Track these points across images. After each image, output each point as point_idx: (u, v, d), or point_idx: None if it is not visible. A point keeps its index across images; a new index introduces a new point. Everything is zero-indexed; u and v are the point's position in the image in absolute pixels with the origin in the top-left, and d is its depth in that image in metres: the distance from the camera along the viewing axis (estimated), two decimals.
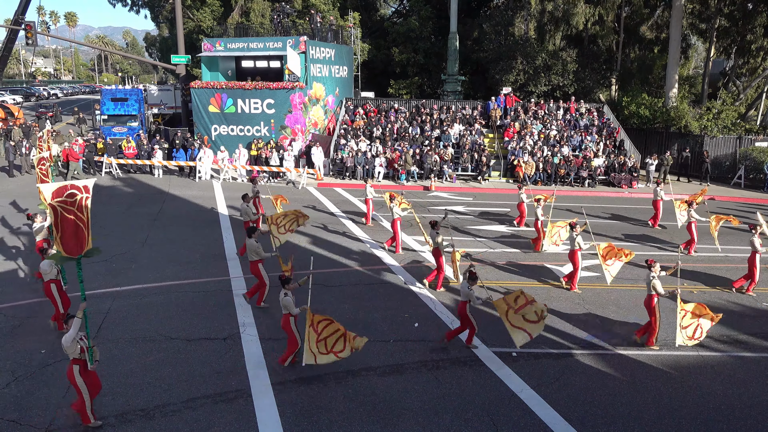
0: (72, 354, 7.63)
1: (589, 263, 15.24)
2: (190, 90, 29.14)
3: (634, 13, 39.08)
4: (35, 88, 72.79)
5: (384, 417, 8.30)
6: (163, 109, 37.47)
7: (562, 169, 26.27)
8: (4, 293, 12.37)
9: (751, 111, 36.16)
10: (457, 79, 36.47)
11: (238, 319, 11.31)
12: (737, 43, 36.15)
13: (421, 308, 12.12)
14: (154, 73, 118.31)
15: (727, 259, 16.14)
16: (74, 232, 7.89)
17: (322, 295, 12.61)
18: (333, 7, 38.85)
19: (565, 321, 11.72)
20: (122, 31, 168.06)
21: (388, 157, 26.46)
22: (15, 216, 18.40)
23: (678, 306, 10.20)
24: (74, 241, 7.89)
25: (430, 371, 9.60)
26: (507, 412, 8.50)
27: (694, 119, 30.05)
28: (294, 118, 27.93)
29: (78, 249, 7.93)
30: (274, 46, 28.42)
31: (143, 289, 12.72)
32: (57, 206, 7.68)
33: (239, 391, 8.85)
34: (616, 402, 8.86)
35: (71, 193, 7.79)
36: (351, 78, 35.42)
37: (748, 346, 10.87)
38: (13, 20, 34.83)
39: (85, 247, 7.98)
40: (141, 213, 19.26)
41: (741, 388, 9.35)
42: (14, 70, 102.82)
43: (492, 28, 38.40)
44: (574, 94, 33.82)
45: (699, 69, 48.96)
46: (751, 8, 33.72)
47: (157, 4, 46.32)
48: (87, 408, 7.80)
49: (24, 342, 10.20)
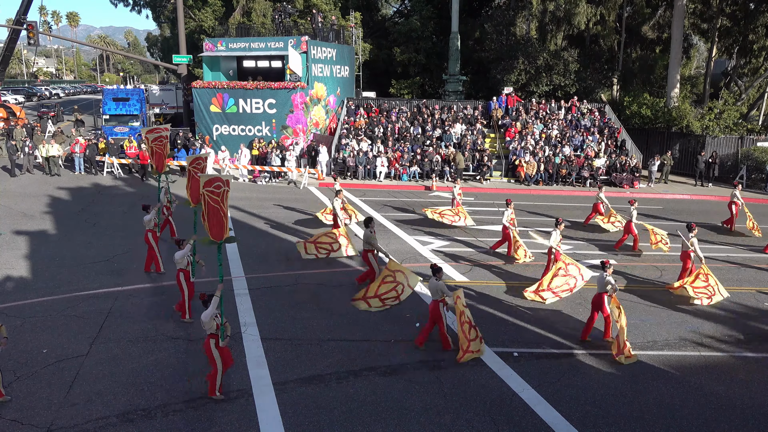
0: (209, 329, 8.40)
1: (590, 263, 15.24)
2: (192, 90, 29.15)
3: (635, 12, 39.04)
4: (37, 88, 72.81)
5: (385, 417, 8.30)
6: (165, 109, 37.47)
7: (564, 169, 26.26)
8: (5, 293, 12.40)
9: (753, 111, 36.10)
10: (458, 78, 36.46)
11: (239, 318, 11.32)
12: (739, 43, 36.11)
13: (422, 308, 12.11)
14: (155, 73, 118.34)
15: (728, 259, 16.13)
16: (218, 219, 8.93)
17: (323, 295, 12.62)
18: (334, 6, 38.88)
19: (566, 321, 11.71)
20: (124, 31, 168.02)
21: (389, 157, 26.46)
22: (15, 216, 18.41)
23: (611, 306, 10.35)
24: (218, 227, 8.98)
25: (432, 371, 9.60)
26: (508, 412, 8.49)
27: (695, 119, 30.02)
28: (295, 118, 27.93)
29: (221, 234, 9.06)
30: (276, 46, 28.43)
31: (145, 289, 12.74)
32: (206, 195, 8.71)
33: (241, 390, 8.86)
34: (617, 402, 8.85)
35: (218, 185, 8.78)
36: (352, 78, 35.43)
37: (749, 346, 10.85)
38: (15, 20, 34.83)
39: (225, 233, 9.09)
40: (142, 212, 19.22)
41: (743, 388, 9.34)
42: (16, 70, 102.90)
43: (493, 27, 38.38)
44: (575, 94, 33.79)
45: (701, 69, 48.92)
46: (753, 8, 33.67)
47: (159, 4, 46.38)
48: (218, 380, 8.51)
49: (26, 341, 10.22)
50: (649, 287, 13.81)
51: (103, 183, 23.98)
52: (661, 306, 12.61)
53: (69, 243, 15.95)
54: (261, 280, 13.37)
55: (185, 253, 11.04)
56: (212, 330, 8.44)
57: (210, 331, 8.44)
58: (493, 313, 11.98)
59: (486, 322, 11.50)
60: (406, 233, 17.77)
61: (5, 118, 34.47)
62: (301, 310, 11.85)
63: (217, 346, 8.48)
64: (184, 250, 11.06)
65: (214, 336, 8.46)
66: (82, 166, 25.78)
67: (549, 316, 11.88)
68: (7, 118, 34.73)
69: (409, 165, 26.36)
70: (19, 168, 25.02)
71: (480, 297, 12.80)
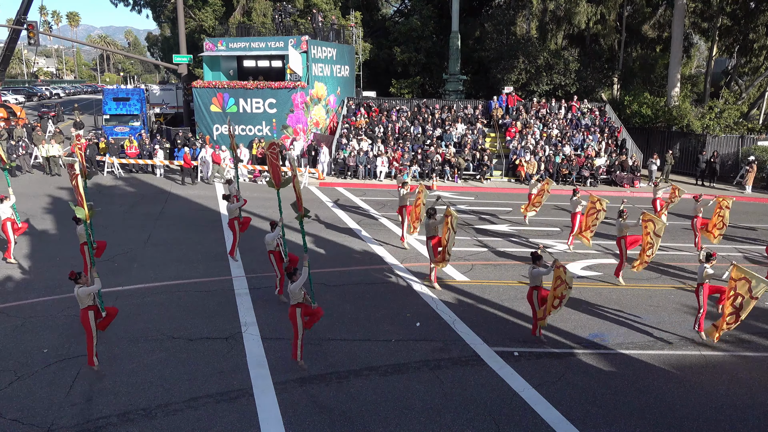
0: (297, 299, 9.14)
1: (590, 263, 15.24)
2: (192, 89, 29.15)
3: (636, 12, 39.02)
4: (37, 88, 72.81)
5: (386, 416, 8.29)
6: (165, 109, 37.49)
7: (564, 168, 26.25)
8: (5, 293, 12.40)
9: (754, 110, 36.06)
10: (458, 78, 36.45)
11: (240, 318, 11.32)
12: (739, 42, 36.08)
13: (422, 308, 12.12)
14: (156, 73, 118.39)
15: (727, 259, 16.11)
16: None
17: (324, 295, 12.61)
18: (334, 6, 38.86)
19: (566, 320, 11.70)
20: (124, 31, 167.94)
21: (389, 157, 26.46)
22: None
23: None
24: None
25: (432, 371, 9.59)
26: (509, 412, 8.48)
27: (696, 118, 30.00)
28: (296, 118, 27.93)
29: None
30: (276, 45, 28.42)
31: (145, 289, 12.73)
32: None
33: (241, 390, 8.85)
34: (618, 401, 8.84)
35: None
36: (353, 77, 35.42)
37: (750, 345, 10.84)
38: (16, 20, 34.86)
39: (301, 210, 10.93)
40: (143, 212, 19.29)
41: (743, 388, 9.33)
42: (16, 70, 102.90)
43: (494, 27, 38.37)
44: (576, 94, 33.79)
45: (701, 68, 48.90)
46: (754, 7, 33.65)
47: (159, 4, 46.36)
48: (298, 346, 9.36)
49: (26, 341, 10.22)
50: (648, 286, 13.80)
51: (103, 183, 23.99)
52: (661, 305, 12.60)
53: (69, 243, 15.93)
54: (261, 279, 13.37)
55: (275, 236, 11.83)
56: (299, 299, 9.12)
57: (297, 300, 9.11)
58: (493, 313, 11.98)
59: (486, 321, 11.51)
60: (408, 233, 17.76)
61: (6, 118, 34.47)
62: None
63: (302, 315, 9.21)
64: (274, 232, 11.86)
65: (300, 305, 9.16)
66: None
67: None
68: (8, 118, 34.74)
69: (410, 164, 26.36)
70: (19, 168, 25.03)
71: (480, 297, 12.80)
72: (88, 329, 9.13)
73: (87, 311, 9.05)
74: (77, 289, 9.02)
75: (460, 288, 13.28)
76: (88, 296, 9.07)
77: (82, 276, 9.17)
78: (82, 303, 9.07)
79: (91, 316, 9.09)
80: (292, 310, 9.23)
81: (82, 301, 9.05)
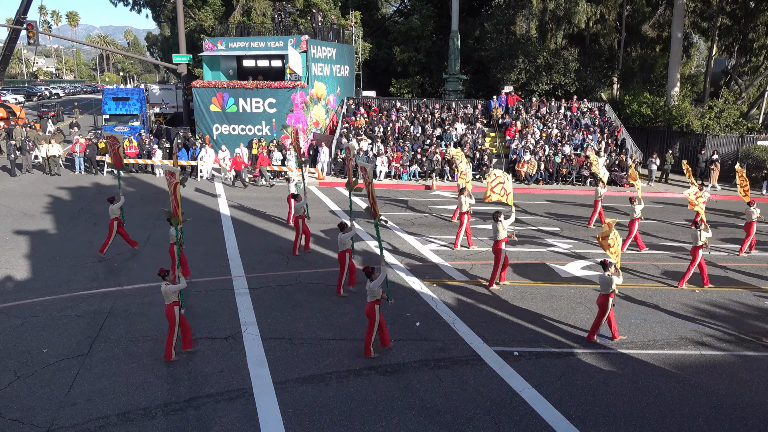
0: (375, 296, 9.70)
1: (590, 263, 15.24)
2: (192, 89, 29.12)
3: (635, 11, 39.01)
4: (37, 88, 72.84)
5: (386, 416, 8.29)
6: (165, 109, 37.45)
7: (564, 168, 26.24)
8: (5, 293, 12.40)
9: (754, 110, 36.04)
10: (458, 78, 36.44)
11: (239, 318, 11.32)
12: (739, 42, 36.07)
13: (422, 307, 12.12)
14: (155, 73, 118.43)
15: (728, 259, 16.12)
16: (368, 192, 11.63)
17: (324, 295, 12.62)
18: (334, 6, 38.84)
19: (566, 320, 11.70)
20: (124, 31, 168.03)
21: (389, 157, 26.45)
22: (15, 216, 18.42)
23: None
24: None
25: (432, 370, 9.60)
26: (509, 411, 8.49)
27: (696, 118, 29.99)
28: (295, 118, 27.92)
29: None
30: (276, 45, 28.41)
31: (145, 289, 12.73)
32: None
33: (241, 390, 8.86)
34: (618, 401, 8.84)
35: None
36: (352, 77, 35.41)
37: (750, 345, 10.85)
38: (15, 20, 34.86)
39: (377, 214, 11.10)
40: (143, 212, 19.27)
41: (743, 387, 9.33)
42: (16, 70, 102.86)
43: (493, 26, 38.35)
44: (575, 93, 33.77)
45: (701, 68, 48.90)
46: (754, 6, 33.64)
47: (159, 4, 46.32)
48: (371, 341, 9.88)
49: (26, 341, 10.22)
50: (649, 286, 13.80)
51: (103, 183, 23.98)
52: (661, 305, 12.60)
53: (69, 243, 15.95)
54: (261, 279, 13.38)
55: (350, 236, 12.45)
56: (378, 296, 9.72)
57: (375, 298, 9.69)
58: (493, 313, 11.98)
59: (486, 321, 11.51)
60: (406, 233, 17.77)
61: (5, 118, 34.46)
62: (301, 309, 11.85)
63: (380, 310, 9.83)
64: (350, 232, 12.44)
65: (378, 302, 9.76)
66: (82, 165, 25.78)
67: (549, 315, 11.87)
68: (7, 117, 34.73)
69: (410, 164, 26.35)
70: (19, 168, 25.03)
71: (480, 296, 12.80)
72: (172, 323, 9.60)
73: (172, 306, 9.59)
74: (164, 286, 9.55)
75: (460, 288, 13.28)
76: (174, 293, 9.59)
77: (169, 274, 9.71)
78: (168, 299, 9.58)
79: (176, 311, 9.61)
80: (370, 307, 9.78)
81: (168, 297, 9.57)
